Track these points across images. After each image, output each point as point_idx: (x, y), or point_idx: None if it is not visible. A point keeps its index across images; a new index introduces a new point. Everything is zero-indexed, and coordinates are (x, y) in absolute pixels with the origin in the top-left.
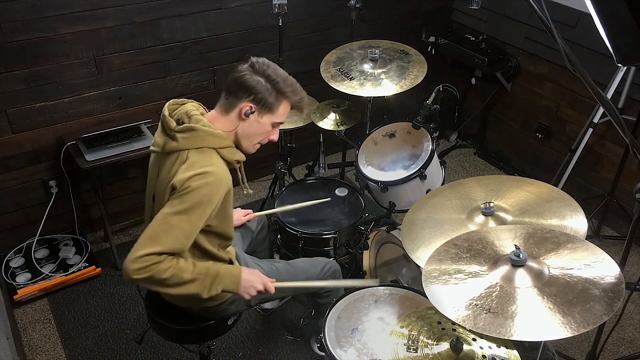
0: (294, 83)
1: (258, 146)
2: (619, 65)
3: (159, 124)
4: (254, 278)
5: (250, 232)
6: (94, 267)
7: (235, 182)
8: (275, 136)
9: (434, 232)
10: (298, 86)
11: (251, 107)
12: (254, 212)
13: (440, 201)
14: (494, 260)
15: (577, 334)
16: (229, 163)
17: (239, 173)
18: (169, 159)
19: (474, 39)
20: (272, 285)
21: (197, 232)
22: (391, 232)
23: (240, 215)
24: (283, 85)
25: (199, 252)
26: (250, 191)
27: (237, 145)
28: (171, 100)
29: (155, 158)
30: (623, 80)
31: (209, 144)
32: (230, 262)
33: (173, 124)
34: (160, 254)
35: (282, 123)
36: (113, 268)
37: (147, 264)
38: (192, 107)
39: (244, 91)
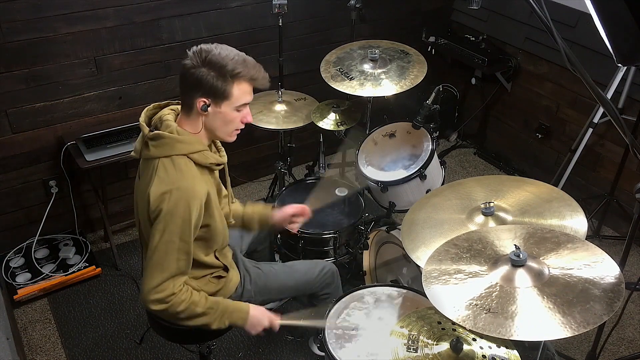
0: (243, 60)
1: (236, 132)
2: (619, 65)
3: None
4: (260, 315)
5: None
6: (94, 267)
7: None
8: (248, 117)
9: (434, 232)
10: (250, 62)
11: (205, 102)
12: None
13: (440, 201)
14: (494, 260)
15: (577, 334)
16: (205, 167)
17: (225, 177)
18: (147, 166)
19: (474, 39)
20: (277, 323)
21: (192, 244)
22: (391, 232)
23: (287, 214)
24: (231, 66)
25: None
26: (231, 220)
27: (215, 139)
28: (153, 104)
29: (140, 162)
30: (623, 80)
31: (178, 151)
32: (226, 268)
33: (146, 130)
34: (172, 277)
35: (247, 103)
36: (113, 268)
37: (165, 295)
38: (169, 110)
39: (192, 88)
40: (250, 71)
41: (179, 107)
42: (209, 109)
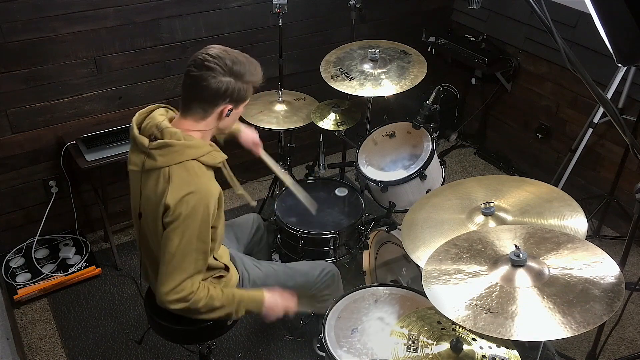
0: (253, 66)
1: None
2: (619, 65)
3: (131, 140)
4: (274, 303)
5: (246, 233)
6: (94, 267)
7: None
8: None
9: (434, 232)
10: (257, 66)
11: (231, 108)
12: (254, 212)
13: (440, 201)
14: (494, 260)
15: (577, 334)
16: (213, 167)
17: (226, 171)
18: (151, 177)
19: (474, 39)
20: (292, 310)
21: (209, 243)
22: (391, 232)
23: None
24: (248, 75)
25: None
26: (240, 191)
27: (216, 134)
28: (138, 113)
29: (135, 176)
30: (623, 80)
31: (188, 157)
32: (226, 268)
33: (146, 141)
34: (190, 276)
35: None
36: (113, 268)
37: (184, 295)
38: (160, 116)
39: (219, 98)
40: (259, 75)
41: (167, 110)
42: (231, 112)
